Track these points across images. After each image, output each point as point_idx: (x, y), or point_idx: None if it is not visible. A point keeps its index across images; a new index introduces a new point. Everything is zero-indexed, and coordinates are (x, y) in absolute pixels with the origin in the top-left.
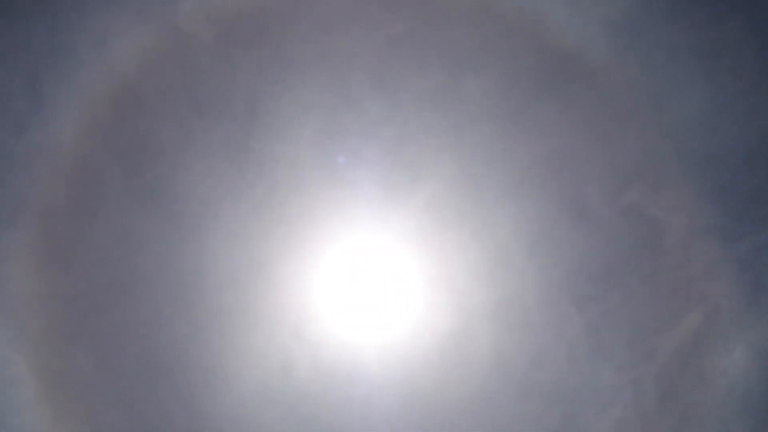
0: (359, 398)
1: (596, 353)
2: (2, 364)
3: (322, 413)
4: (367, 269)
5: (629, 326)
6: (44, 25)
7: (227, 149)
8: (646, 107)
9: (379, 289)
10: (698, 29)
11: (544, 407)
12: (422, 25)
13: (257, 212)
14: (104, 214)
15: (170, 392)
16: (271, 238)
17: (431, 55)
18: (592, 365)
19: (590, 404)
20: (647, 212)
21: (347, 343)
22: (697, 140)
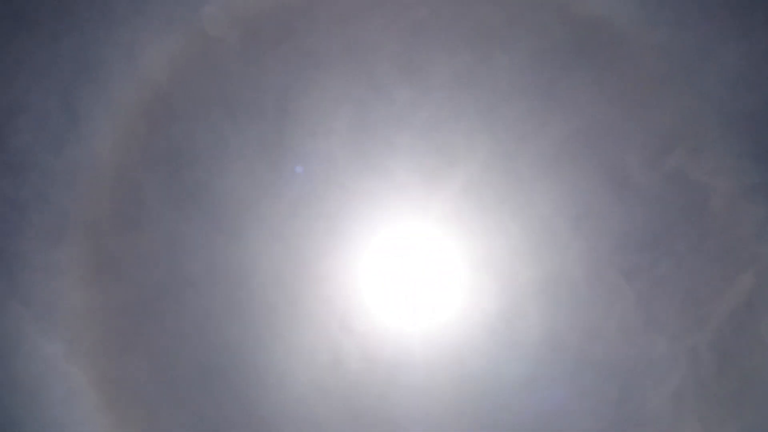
0: (412, 386)
1: (649, 324)
2: (61, 377)
3: (375, 403)
4: (409, 257)
5: (680, 294)
6: (73, 41)
7: (262, 149)
8: (680, 69)
9: (423, 276)
10: None
11: (599, 382)
12: (446, 6)
13: (296, 209)
14: (147, 222)
15: (225, 393)
16: (312, 233)
17: (457, 36)
18: (645, 336)
19: (646, 376)
20: (690, 177)
21: (396, 332)
22: (735, 99)
